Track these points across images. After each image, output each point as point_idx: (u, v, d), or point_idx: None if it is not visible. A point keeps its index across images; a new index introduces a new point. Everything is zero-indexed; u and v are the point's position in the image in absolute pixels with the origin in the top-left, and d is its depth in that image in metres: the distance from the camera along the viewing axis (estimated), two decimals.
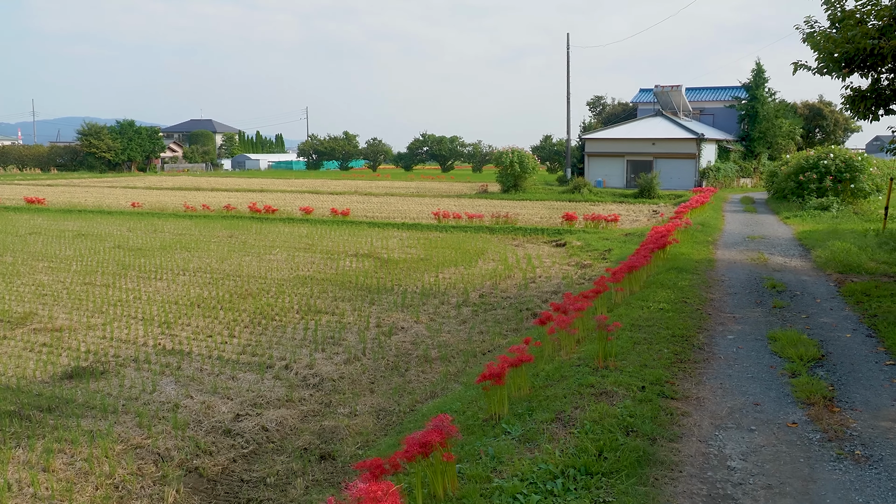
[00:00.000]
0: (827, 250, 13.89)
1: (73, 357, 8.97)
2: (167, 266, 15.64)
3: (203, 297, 12.50)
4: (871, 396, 5.88)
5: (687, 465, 4.64)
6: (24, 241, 19.83)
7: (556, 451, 4.74)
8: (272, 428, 6.90)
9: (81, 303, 12.04)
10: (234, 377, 8.27)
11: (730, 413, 5.57)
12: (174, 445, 6.42)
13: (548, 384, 6.29)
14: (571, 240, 19.90)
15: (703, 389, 6.07)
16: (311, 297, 12.47)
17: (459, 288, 13.38)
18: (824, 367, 6.64)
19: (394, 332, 10.24)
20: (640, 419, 5.20)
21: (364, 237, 20.95)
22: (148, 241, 19.77)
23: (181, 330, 10.34)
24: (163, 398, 7.57)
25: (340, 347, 9.50)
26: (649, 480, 4.38)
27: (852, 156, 26.05)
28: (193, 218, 26.47)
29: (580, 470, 4.45)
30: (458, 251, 18.01)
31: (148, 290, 13.15)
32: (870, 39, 9.32)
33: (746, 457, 4.79)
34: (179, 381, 8.12)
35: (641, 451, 4.71)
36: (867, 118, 10.73)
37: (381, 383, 8.20)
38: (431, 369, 8.68)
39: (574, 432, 5.03)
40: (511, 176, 39.97)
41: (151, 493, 5.63)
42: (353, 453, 6.34)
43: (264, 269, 15.39)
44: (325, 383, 8.15)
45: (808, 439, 5.06)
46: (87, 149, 75.80)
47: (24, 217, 26.71)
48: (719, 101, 49.40)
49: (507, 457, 4.76)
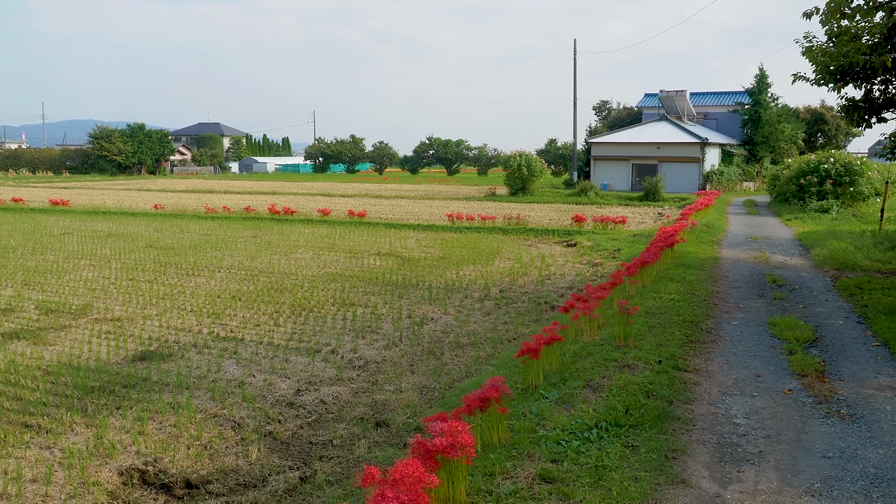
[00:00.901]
0: (825, 249, 14.77)
1: (138, 343, 9.90)
2: (202, 264, 16.58)
3: (242, 291, 13.43)
4: (858, 370, 6.78)
5: (699, 421, 5.54)
6: (59, 240, 20.79)
7: (590, 409, 5.65)
8: (329, 401, 7.82)
9: (131, 296, 12.97)
10: (287, 360, 9.18)
11: (735, 383, 6.47)
12: (247, 415, 7.34)
13: (576, 360, 7.21)
14: (581, 240, 20.80)
15: (711, 364, 6.98)
16: (342, 292, 13.39)
17: (480, 284, 14.28)
18: (818, 347, 7.55)
19: (425, 322, 11.15)
20: (659, 386, 6.10)
21: (382, 237, 21.87)
22: (177, 241, 20.71)
23: (229, 320, 11.26)
24: (228, 376, 8.49)
25: (378, 335, 10.42)
26: (668, 431, 5.28)
27: (852, 160, 26.90)
28: (215, 219, 27.42)
29: (611, 423, 5.35)
30: (474, 250, 18.92)
31: (189, 285, 14.08)
32: (862, 55, 10.21)
33: (749, 416, 5.69)
34: (240, 362, 9.04)
35: (661, 409, 5.61)
36: (861, 126, 11.63)
37: (419, 365, 9.11)
38: (464, 354, 9.59)
39: (603, 395, 5.94)
40: (519, 179, 40.88)
41: (237, 452, 6.55)
42: (404, 421, 7.25)
43: (293, 266, 16.31)
44: (370, 365, 9.07)
45: (801, 402, 5.96)
46: (99, 152, 76.92)
47: (52, 218, 27.68)
48: (723, 106, 50.29)
49: (548, 414, 5.67)
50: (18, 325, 10.89)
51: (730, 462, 4.82)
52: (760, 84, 45.64)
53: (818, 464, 4.77)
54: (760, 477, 4.59)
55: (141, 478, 5.98)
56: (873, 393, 6.15)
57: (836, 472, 4.64)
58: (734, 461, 4.84)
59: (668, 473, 4.58)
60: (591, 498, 4.22)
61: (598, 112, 56.22)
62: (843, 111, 11.69)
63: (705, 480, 4.53)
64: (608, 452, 4.86)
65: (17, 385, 8.12)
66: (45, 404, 7.52)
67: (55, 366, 8.81)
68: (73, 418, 7.13)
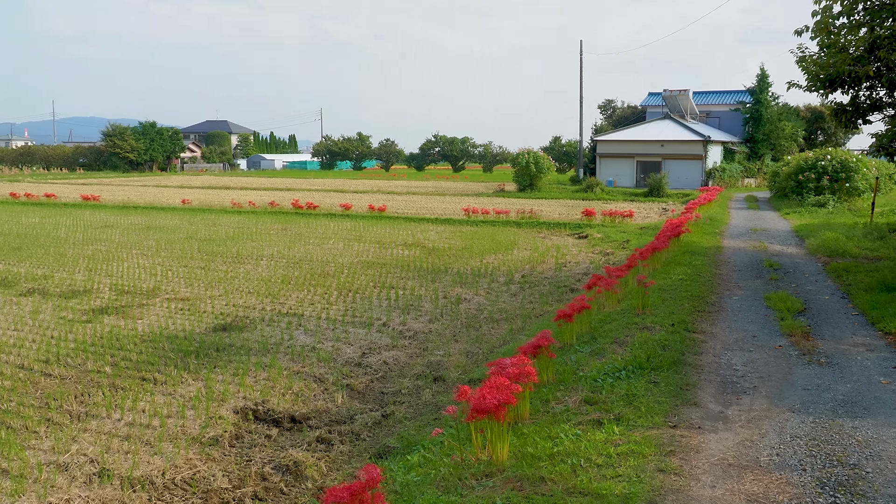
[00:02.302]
0: (818, 239, 16.15)
1: (213, 317, 11.31)
2: (244, 253, 17.99)
3: (289, 276, 14.83)
4: (837, 332, 8.17)
5: (706, 367, 6.93)
6: (104, 232, 22.21)
7: (618, 357, 7.05)
8: (391, 362, 9.22)
9: (191, 280, 14.37)
10: (346, 331, 10.59)
11: (735, 341, 7.86)
12: (325, 372, 8.74)
13: (602, 324, 8.62)
14: (592, 232, 22.18)
15: (715, 328, 8.38)
16: (380, 277, 14.79)
17: (503, 270, 15.68)
18: (805, 316, 8.94)
19: (460, 302, 12.55)
20: (673, 342, 7.50)
21: (404, 230, 23.27)
22: (214, 233, 22.12)
23: (285, 300, 12.66)
24: (300, 343, 9.89)
25: (421, 312, 11.82)
26: (682, 373, 6.67)
27: (848, 157, 28.26)
28: (242, 213, 28.84)
29: (636, 366, 6.74)
30: (493, 241, 20.31)
31: (239, 271, 15.49)
32: (848, 65, 11.57)
33: (746, 364, 7.08)
34: (307, 332, 10.46)
35: (675, 358, 7.00)
36: (848, 127, 12.98)
37: (461, 335, 10.51)
38: (498, 327, 10.98)
39: (627, 348, 7.34)
40: (527, 176, 42.27)
41: (324, 398, 7.95)
42: (457, 377, 8.64)
43: (328, 255, 17.72)
44: (419, 335, 10.47)
45: (788, 355, 7.35)
46: (112, 149, 78.35)
47: (87, 213, 29.11)
48: (725, 105, 51.62)
49: (585, 362, 7.08)
50: (102, 303, 12.30)
51: (730, 393, 6.21)
52: (761, 83, 46.96)
53: (799, 393, 6.16)
54: (754, 402, 5.98)
55: (253, 414, 7.39)
56: (848, 348, 7.54)
57: (812, 398, 6.03)
58: (734, 392, 6.23)
59: (682, 398, 5.97)
60: (625, 412, 5.61)
61: (603, 111, 57.57)
62: (833, 114, 13.04)
63: (711, 403, 5.92)
64: (635, 386, 6.25)
65: (124, 349, 9.54)
66: (154, 364, 8.93)
67: (149, 335, 10.23)
68: (181, 374, 8.54)
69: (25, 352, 9.41)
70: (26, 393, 7.91)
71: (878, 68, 11.84)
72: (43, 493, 5.62)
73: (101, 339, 9.97)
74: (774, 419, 5.52)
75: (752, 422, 5.47)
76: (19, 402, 7.64)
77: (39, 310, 11.79)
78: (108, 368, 8.73)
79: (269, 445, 6.72)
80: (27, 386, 8.12)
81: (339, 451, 6.58)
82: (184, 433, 6.86)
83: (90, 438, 6.71)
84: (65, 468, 6.07)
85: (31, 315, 11.42)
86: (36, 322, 10.99)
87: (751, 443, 5.04)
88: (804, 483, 4.39)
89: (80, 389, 8.01)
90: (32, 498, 5.57)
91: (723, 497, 4.21)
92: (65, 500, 5.53)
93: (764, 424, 5.40)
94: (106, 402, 7.61)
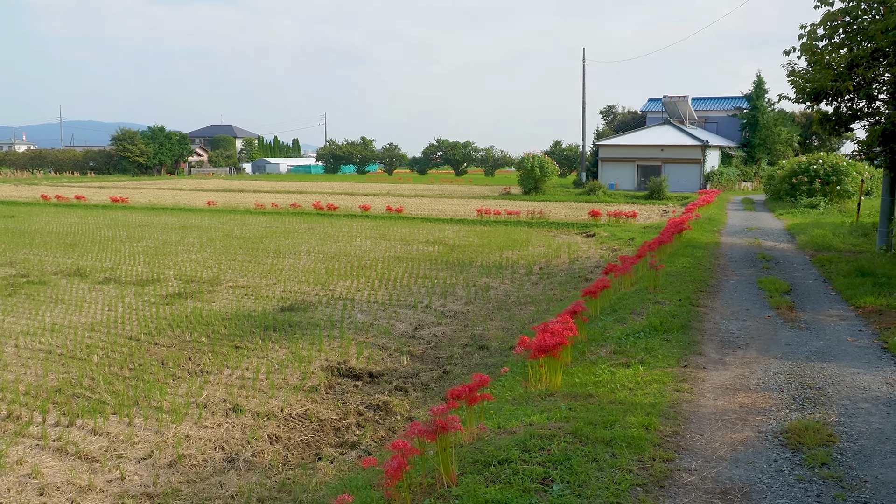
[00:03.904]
0: (807, 236, 17.83)
1: (276, 301, 12.94)
2: (283, 249, 19.62)
3: (330, 268, 16.46)
4: (816, 306, 9.83)
5: (708, 331, 8.57)
6: (144, 231, 23.84)
7: (636, 323, 8.69)
8: (440, 335, 10.86)
9: (244, 271, 16.00)
10: (395, 311, 12.22)
11: (731, 313, 9.51)
12: (386, 341, 10.37)
13: (620, 301, 10.27)
14: (599, 231, 23.85)
15: (715, 303, 10.03)
16: (412, 268, 16.42)
17: (522, 263, 17.32)
18: (790, 294, 10.60)
19: (489, 289, 14.19)
20: (680, 313, 9.14)
21: (423, 229, 24.91)
22: (247, 232, 23.75)
23: (333, 287, 14.29)
24: (359, 320, 11.53)
25: (456, 296, 13.46)
26: (689, 333, 8.31)
27: (838, 161, 29.96)
28: (266, 214, 30.48)
29: (651, 329, 8.38)
30: (507, 239, 21.96)
31: (283, 264, 17.11)
32: (831, 81, 13.25)
33: (740, 329, 8.72)
34: (363, 311, 12.10)
35: (683, 323, 8.64)
36: (832, 135, 14.66)
37: (495, 315, 12.14)
38: (526, 308, 12.62)
39: (643, 317, 8.98)
40: (532, 179, 43.95)
41: (391, 360, 9.58)
42: (498, 346, 10.27)
43: (360, 251, 19.35)
44: (458, 315, 12.11)
45: (775, 322, 8.99)
46: (122, 153, 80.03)
47: (120, 213, 30.73)
48: (723, 111, 53.42)
49: (609, 327, 8.73)
50: (174, 289, 13.93)
51: (727, 347, 7.86)
52: (758, 90, 48.74)
53: (782, 348, 7.80)
54: (746, 353, 7.62)
55: (337, 371, 9.02)
56: (824, 318, 9.19)
57: (792, 350, 7.67)
58: (730, 347, 7.87)
59: (690, 350, 7.62)
60: (647, 358, 7.25)
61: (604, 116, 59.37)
62: (818, 123, 14.72)
63: (713, 353, 7.56)
64: (652, 342, 7.89)
65: (210, 325, 11.16)
66: (240, 336, 10.56)
67: (227, 314, 11.86)
68: (267, 343, 10.17)
69: (129, 327, 11.04)
70: (145, 357, 9.54)
71: (858, 83, 13.52)
72: (198, 420, 7.25)
73: (187, 317, 11.60)
74: (762, 363, 7.16)
75: (745, 364, 7.12)
76: (143, 363, 9.26)
77: (122, 295, 13.42)
78: (204, 339, 10.36)
79: (357, 392, 8.35)
80: (143, 352, 9.74)
81: (414, 396, 8.22)
82: (286, 384, 8.49)
83: (213, 388, 8.33)
84: (204, 405, 7.70)
85: (118, 299, 13.05)
86: (125, 304, 12.62)
87: (743, 376, 6.69)
88: (782, 398, 6.03)
89: (187, 355, 9.63)
90: (190, 423, 7.20)
91: (722, 405, 5.85)
92: (216, 424, 7.16)
93: (753, 366, 7.05)
94: (214, 363, 9.24)
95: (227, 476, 6.11)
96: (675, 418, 5.49)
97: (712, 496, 4.23)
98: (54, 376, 8.70)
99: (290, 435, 7.08)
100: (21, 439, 6.82)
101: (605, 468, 4.46)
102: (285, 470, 6.27)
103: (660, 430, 5.19)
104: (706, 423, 5.45)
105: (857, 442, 5.02)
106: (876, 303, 9.61)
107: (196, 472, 6.20)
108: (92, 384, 8.39)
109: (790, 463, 4.69)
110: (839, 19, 12.54)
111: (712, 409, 5.76)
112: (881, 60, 12.95)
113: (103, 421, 7.24)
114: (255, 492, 5.77)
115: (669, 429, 5.24)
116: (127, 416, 7.36)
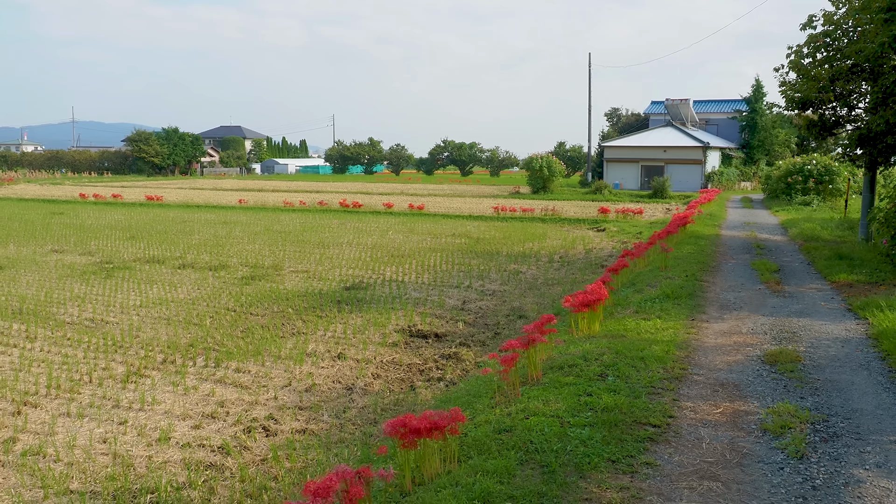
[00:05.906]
0: (798, 229, 19.91)
1: (337, 282, 15.01)
2: (325, 241, 21.70)
3: (374, 257, 18.54)
4: (798, 281, 11.91)
5: (710, 298, 10.65)
6: (190, 226, 25.92)
7: (652, 292, 10.78)
8: (485, 308, 12.93)
9: (299, 259, 18.07)
10: (442, 290, 14.30)
11: (729, 287, 11.59)
12: (440, 312, 12.44)
13: (637, 277, 12.36)
14: (609, 226, 25.94)
15: (716, 279, 12.11)
16: (446, 257, 18.50)
17: (543, 253, 19.41)
18: (778, 273, 12.68)
19: (518, 273, 16.28)
20: (687, 285, 11.22)
21: (446, 224, 27.00)
22: (285, 227, 25.84)
23: (382, 272, 16.37)
24: (414, 297, 13.60)
25: (491, 279, 15.53)
26: (695, 300, 10.38)
27: (830, 162, 32.02)
28: (295, 211, 32.57)
29: (664, 297, 10.45)
30: (526, 233, 24.04)
31: (330, 254, 19.19)
32: (815, 92, 15.33)
33: (736, 298, 10.79)
34: (415, 289, 14.18)
35: (690, 293, 10.72)
36: (818, 139, 16.74)
37: (527, 293, 14.22)
38: (553, 288, 14.69)
39: (657, 288, 11.06)
40: (540, 178, 46.06)
41: (449, 325, 11.65)
42: (535, 316, 12.32)
43: (394, 243, 21.42)
44: (497, 293, 14.19)
45: (764, 292, 11.07)
46: (137, 153, 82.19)
47: (159, 211, 32.82)
48: (723, 113, 55.53)
49: (630, 295, 10.81)
50: (245, 273, 16.01)
51: (725, 309, 9.93)
52: (757, 93, 50.85)
53: (768, 309, 9.88)
54: (740, 313, 9.69)
55: (409, 332, 11.09)
56: (804, 289, 11.27)
57: (776, 311, 9.74)
58: (727, 310, 9.94)
59: (696, 311, 9.69)
60: (663, 315, 9.33)
61: (609, 118, 61.50)
62: (806, 128, 16.81)
63: (714, 312, 9.64)
64: (665, 305, 9.97)
65: (290, 300, 13.24)
66: (319, 307, 12.63)
67: (300, 292, 13.93)
68: (343, 313, 12.24)
69: (223, 300, 13.13)
70: (248, 322, 11.62)
71: (839, 94, 15.60)
72: (314, 363, 9.33)
73: (268, 294, 13.69)
74: (752, 318, 9.25)
75: (738, 319, 9.20)
76: (248, 326, 11.35)
77: (203, 277, 15.51)
78: (291, 310, 12.44)
79: (429, 347, 10.43)
80: (243, 320, 11.82)
81: (476, 349, 10.30)
82: (371, 341, 10.57)
83: (314, 344, 10.41)
84: (312, 354, 9.78)
85: (201, 280, 15.14)
86: (209, 285, 14.70)
87: (737, 326, 8.77)
88: (765, 338, 8.11)
89: (281, 322, 11.71)
90: (309, 365, 9.28)
91: (721, 342, 7.93)
92: (329, 366, 9.25)
93: (745, 320, 9.14)
94: (306, 327, 11.33)
95: (351, 397, 8.20)
96: (686, 348, 7.57)
97: (713, 386, 6.32)
98: (183, 335, 10.79)
99: (388, 374, 9.16)
100: (185, 376, 8.89)
101: (642, 370, 6.55)
102: (392, 395, 8.35)
103: (676, 354, 7.28)
104: (709, 351, 7.54)
105: (816, 361, 7.10)
106: (848, 278, 11.70)
107: (326, 395, 8.28)
108: (216, 341, 10.47)
109: (768, 371, 6.78)
110: (820, 41, 14.62)
111: (713, 344, 7.85)
112: (859, 75, 15.04)
113: (242, 364, 9.33)
114: (378, 404, 7.85)
115: (683, 354, 7.33)
116: (258, 361, 9.44)
